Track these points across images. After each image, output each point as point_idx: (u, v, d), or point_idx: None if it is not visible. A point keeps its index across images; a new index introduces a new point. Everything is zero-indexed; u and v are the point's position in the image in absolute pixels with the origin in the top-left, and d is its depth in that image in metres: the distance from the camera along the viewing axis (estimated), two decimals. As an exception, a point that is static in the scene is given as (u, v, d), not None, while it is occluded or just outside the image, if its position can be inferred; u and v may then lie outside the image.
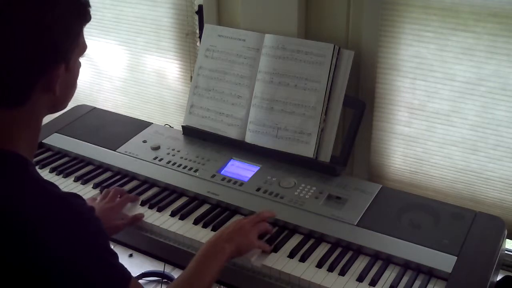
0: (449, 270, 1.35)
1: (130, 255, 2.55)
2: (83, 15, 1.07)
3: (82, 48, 1.11)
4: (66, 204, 1.01)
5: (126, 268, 1.08)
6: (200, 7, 2.03)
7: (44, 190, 1.01)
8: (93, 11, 2.41)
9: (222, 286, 1.68)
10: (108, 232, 1.52)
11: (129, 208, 1.61)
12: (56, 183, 1.69)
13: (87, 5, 1.08)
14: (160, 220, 1.56)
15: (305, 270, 1.38)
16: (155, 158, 1.81)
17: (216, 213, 1.59)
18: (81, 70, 1.15)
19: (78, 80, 1.14)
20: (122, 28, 2.25)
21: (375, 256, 1.43)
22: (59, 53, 1.02)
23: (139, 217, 1.56)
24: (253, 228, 1.42)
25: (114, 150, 1.86)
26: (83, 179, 1.74)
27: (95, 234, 1.02)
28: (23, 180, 1.01)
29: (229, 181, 1.69)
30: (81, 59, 1.14)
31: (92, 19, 1.12)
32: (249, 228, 1.41)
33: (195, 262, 1.28)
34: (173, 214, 1.58)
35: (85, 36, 1.12)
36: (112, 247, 1.07)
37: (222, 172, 1.73)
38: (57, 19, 1.00)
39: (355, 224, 1.51)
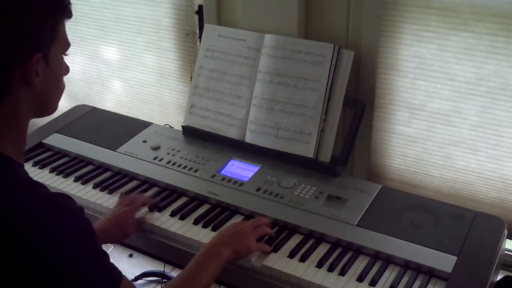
0: (449, 270, 1.35)
1: (130, 255, 2.54)
2: (60, 9, 1.04)
3: (63, 43, 1.08)
4: (54, 204, 1.00)
5: (117, 268, 1.07)
6: (200, 7, 2.03)
7: (31, 191, 1.00)
8: (92, 11, 2.42)
9: (222, 286, 1.68)
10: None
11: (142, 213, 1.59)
12: (56, 183, 1.73)
13: (64, 0, 1.05)
14: (160, 220, 1.56)
15: (305, 270, 1.38)
16: (155, 158, 1.81)
17: (216, 213, 1.59)
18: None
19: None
20: (122, 28, 2.25)
21: (375, 256, 1.43)
22: (31, 41, 1.00)
23: (142, 221, 1.55)
24: (252, 232, 1.42)
25: (114, 150, 1.86)
26: (83, 179, 1.74)
27: (84, 234, 1.02)
28: (7, 180, 0.99)
29: (229, 181, 1.69)
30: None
31: (92, 19, 1.11)
32: (248, 232, 1.41)
33: (191, 265, 1.28)
34: (173, 214, 1.58)
35: (85, 36, 1.11)
36: (112, 247, 1.06)
37: (222, 172, 1.73)
38: (26, 6, 0.97)
39: (355, 224, 1.51)
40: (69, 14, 1.07)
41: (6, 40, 0.97)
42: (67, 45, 1.10)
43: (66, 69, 1.13)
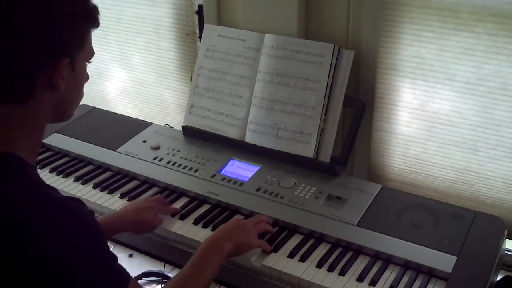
0: (449, 270, 1.35)
1: (130, 255, 2.54)
2: (90, 17, 1.07)
3: (89, 51, 1.11)
4: (64, 208, 1.00)
5: (125, 269, 1.08)
6: (200, 7, 2.03)
7: (42, 194, 1.00)
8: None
9: (222, 286, 1.68)
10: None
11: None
12: (56, 183, 1.73)
13: (94, 9, 1.08)
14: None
15: (305, 270, 1.38)
16: (155, 158, 1.81)
17: (216, 213, 1.59)
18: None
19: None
20: (122, 28, 2.25)
21: (375, 256, 1.43)
22: (62, 45, 1.01)
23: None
24: (253, 228, 1.43)
25: (114, 150, 1.86)
26: (83, 179, 1.74)
27: (93, 237, 1.02)
28: (20, 183, 1.00)
29: (229, 181, 1.69)
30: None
31: None
32: (249, 227, 1.42)
33: (193, 260, 1.28)
34: (173, 214, 1.58)
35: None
36: (112, 247, 1.07)
37: (222, 172, 1.73)
38: (61, 10, 1.00)
39: (355, 224, 1.51)
40: (97, 24, 1.10)
41: (38, 43, 0.98)
42: (92, 53, 1.12)
43: (87, 77, 1.15)
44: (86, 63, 1.12)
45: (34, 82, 1.01)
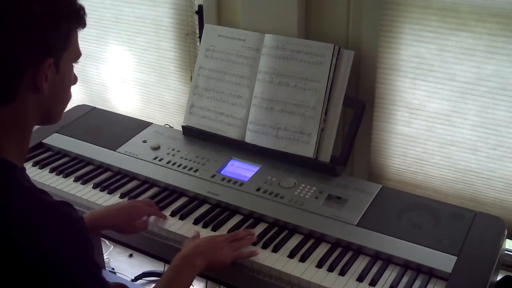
0: (449, 270, 1.35)
1: (130, 255, 2.54)
2: (76, 18, 1.05)
3: (75, 52, 1.08)
4: (54, 212, 0.99)
5: (108, 282, 1.06)
6: (200, 7, 2.03)
7: (32, 198, 0.99)
8: (92, 11, 2.42)
9: (222, 286, 1.68)
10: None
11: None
12: (56, 183, 1.73)
13: (81, 10, 1.06)
14: (160, 220, 1.56)
15: (305, 270, 1.38)
16: (155, 158, 1.81)
17: (216, 213, 1.60)
18: (78, 71, 1.13)
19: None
20: (122, 28, 2.25)
21: (375, 256, 1.43)
22: (45, 45, 1.00)
23: (147, 224, 1.56)
24: (227, 246, 1.40)
25: (114, 150, 1.86)
26: (83, 179, 1.74)
27: (81, 241, 1.01)
28: (9, 186, 0.99)
29: (229, 181, 1.69)
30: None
31: (92, 19, 1.12)
32: (223, 245, 1.40)
33: (165, 277, 1.29)
34: (173, 214, 1.58)
35: (85, 36, 1.11)
36: (112, 247, 1.06)
37: (222, 172, 1.73)
38: (44, 10, 0.98)
39: (355, 224, 1.51)
40: (83, 24, 1.08)
41: (21, 43, 0.97)
42: (78, 54, 1.10)
43: (75, 79, 1.13)
44: (73, 65, 1.10)
45: (18, 82, 0.99)
